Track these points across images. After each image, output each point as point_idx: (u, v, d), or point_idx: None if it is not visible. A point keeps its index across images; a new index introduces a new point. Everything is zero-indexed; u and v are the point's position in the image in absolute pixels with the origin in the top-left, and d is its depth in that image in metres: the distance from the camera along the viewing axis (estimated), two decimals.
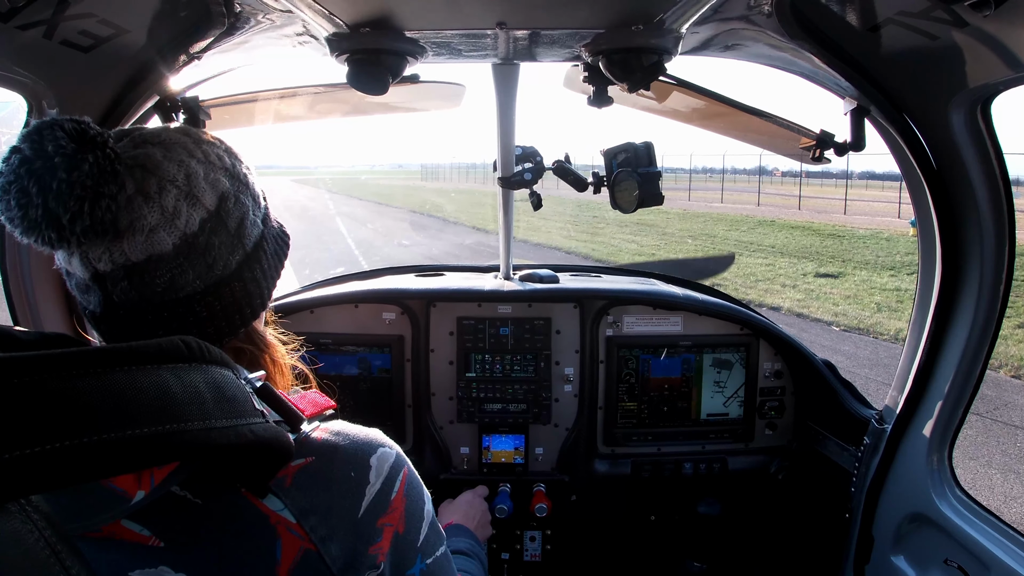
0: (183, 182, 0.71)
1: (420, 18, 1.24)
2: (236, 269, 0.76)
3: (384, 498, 0.75)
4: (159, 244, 0.69)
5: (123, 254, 0.69)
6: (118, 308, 0.72)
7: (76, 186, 0.63)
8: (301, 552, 0.67)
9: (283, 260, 0.86)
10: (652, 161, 1.62)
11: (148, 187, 0.69)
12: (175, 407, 0.56)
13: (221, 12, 1.21)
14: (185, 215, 0.71)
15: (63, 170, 0.62)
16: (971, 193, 1.35)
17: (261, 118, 1.82)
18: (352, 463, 0.74)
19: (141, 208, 0.69)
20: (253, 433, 0.61)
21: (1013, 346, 7.79)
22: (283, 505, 0.68)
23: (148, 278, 0.70)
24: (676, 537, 2.36)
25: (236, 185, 0.77)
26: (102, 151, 0.65)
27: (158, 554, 0.64)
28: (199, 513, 0.66)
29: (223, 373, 0.64)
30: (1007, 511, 4.49)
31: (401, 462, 0.80)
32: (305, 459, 0.71)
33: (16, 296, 1.43)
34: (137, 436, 0.52)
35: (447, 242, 18.24)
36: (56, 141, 0.63)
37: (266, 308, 0.84)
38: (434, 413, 2.20)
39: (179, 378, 0.58)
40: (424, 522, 0.81)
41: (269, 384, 0.71)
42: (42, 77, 1.20)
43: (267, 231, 0.82)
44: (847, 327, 9.13)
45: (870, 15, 1.15)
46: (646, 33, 1.24)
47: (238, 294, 0.77)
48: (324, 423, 0.77)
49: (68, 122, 0.64)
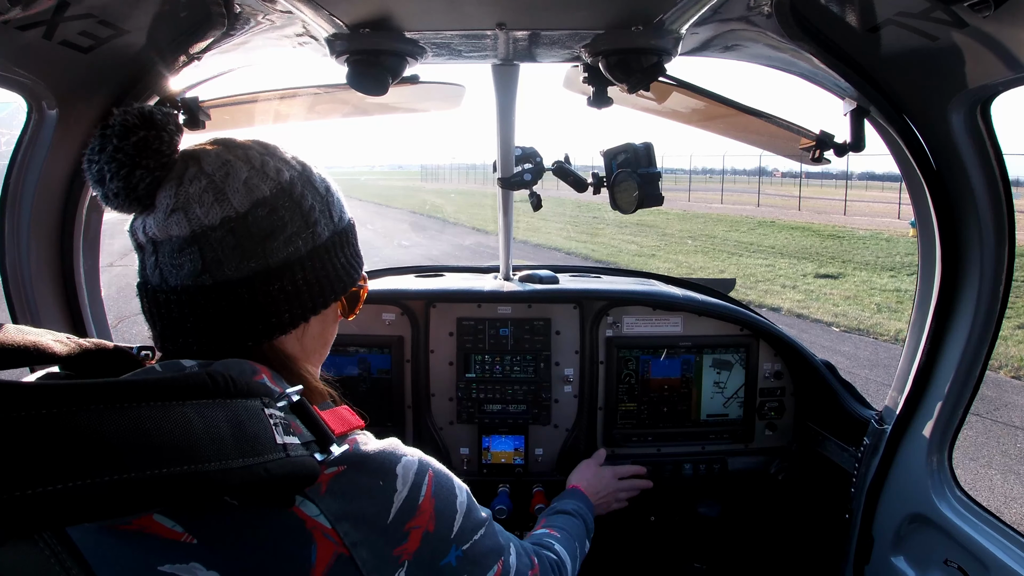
0: (219, 178, 0.78)
1: (420, 19, 1.24)
2: (248, 277, 0.78)
3: (412, 504, 0.77)
4: (175, 226, 0.76)
5: (150, 228, 0.77)
6: (149, 282, 0.78)
7: (120, 152, 0.73)
8: (335, 556, 0.69)
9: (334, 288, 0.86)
10: (652, 162, 1.62)
11: (185, 173, 0.77)
12: (195, 447, 0.57)
13: (221, 13, 1.21)
14: (207, 207, 0.76)
15: (117, 138, 0.74)
16: (971, 193, 1.35)
17: (261, 119, 1.81)
18: (380, 473, 0.76)
19: (171, 190, 0.76)
20: (267, 471, 0.62)
21: (1013, 346, 7.80)
22: (319, 511, 0.69)
23: (167, 258, 0.76)
24: (676, 538, 2.36)
25: (280, 197, 0.81)
26: (155, 130, 0.75)
27: (190, 550, 0.65)
28: (235, 513, 0.67)
29: (248, 407, 0.65)
30: (1007, 512, 4.49)
31: (425, 466, 0.81)
32: (338, 468, 0.73)
33: (16, 296, 1.43)
34: (157, 477, 0.53)
35: (447, 243, 18.24)
36: (125, 116, 0.74)
37: (287, 332, 0.83)
38: (434, 414, 2.20)
39: (202, 416, 0.59)
40: (458, 514, 0.83)
41: (305, 400, 0.73)
42: (42, 77, 1.20)
43: (317, 252, 0.83)
44: (847, 328, 9.13)
45: (870, 16, 1.15)
46: (646, 34, 1.24)
47: (245, 303, 0.78)
48: (352, 436, 0.78)
49: (148, 106, 0.76)
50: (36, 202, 1.38)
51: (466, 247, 17.38)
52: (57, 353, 0.68)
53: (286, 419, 0.69)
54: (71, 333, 0.79)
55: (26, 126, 1.32)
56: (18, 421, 0.48)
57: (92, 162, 0.76)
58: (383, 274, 2.55)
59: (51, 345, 0.68)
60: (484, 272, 2.55)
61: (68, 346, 0.69)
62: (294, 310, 0.82)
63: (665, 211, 23.57)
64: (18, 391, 0.49)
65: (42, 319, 1.46)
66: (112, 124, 0.74)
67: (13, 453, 0.47)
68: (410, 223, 24.39)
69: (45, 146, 1.33)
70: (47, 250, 1.47)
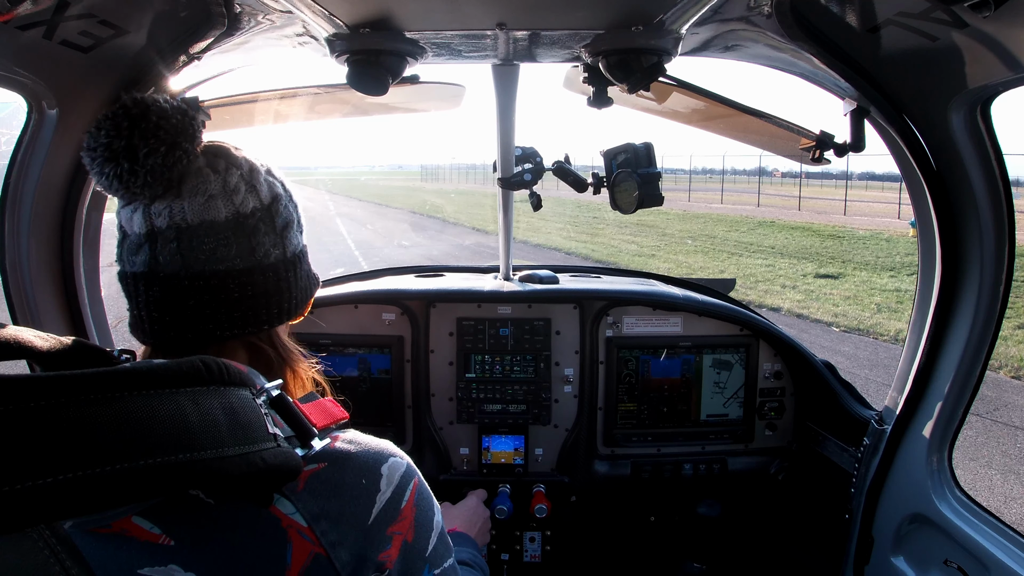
0: (247, 172, 0.83)
1: (420, 19, 1.24)
2: (273, 263, 0.84)
3: (394, 506, 0.76)
4: (214, 211, 0.79)
5: (182, 212, 0.78)
6: (160, 270, 0.78)
7: (161, 130, 0.75)
8: (311, 557, 0.68)
9: (310, 292, 0.93)
10: (652, 162, 1.62)
11: (217, 164, 0.81)
12: (190, 435, 0.57)
13: (221, 12, 1.21)
14: (242, 195, 0.81)
15: (156, 116, 0.75)
16: (971, 194, 1.35)
17: (261, 119, 1.81)
18: (363, 471, 0.75)
19: (208, 177, 0.80)
20: (263, 460, 0.63)
21: (1013, 346, 7.79)
22: (295, 509, 0.69)
23: (196, 243, 0.78)
24: (676, 538, 2.36)
25: (287, 197, 0.89)
26: (189, 117, 0.78)
27: (168, 552, 0.64)
28: (211, 513, 0.67)
29: (240, 395, 0.65)
30: (1007, 512, 4.49)
31: (412, 472, 0.81)
32: (318, 464, 0.72)
33: (16, 296, 1.43)
34: (151, 466, 0.53)
35: (447, 243, 18.24)
36: (157, 100, 0.77)
37: (292, 318, 0.89)
38: (434, 414, 2.20)
39: (196, 403, 0.59)
40: (433, 532, 0.82)
41: (285, 395, 0.73)
42: (42, 77, 1.20)
43: (303, 255, 0.91)
44: (847, 328, 9.13)
45: (870, 16, 1.15)
46: (646, 34, 1.24)
47: (271, 287, 0.83)
48: (337, 432, 0.78)
49: (172, 96, 0.79)
50: (36, 202, 1.38)
51: (466, 247, 17.38)
52: (38, 349, 0.67)
53: (268, 413, 0.69)
54: (71, 333, 0.79)
55: (26, 126, 1.31)
56: (6, 415, 0.47)
57: (117, 136, 0.74)
58: (383, 274, 2.55)
59: (32, 340, 0.67)
60: (484, 272, 2.54)
61: (49, 342, 0.69)
62: (299, 296, 0.89)
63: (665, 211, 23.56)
64: (5, 385, 0.48)
65: (42, 319, 1.45)
66: (147, 103, 0.75)
67: (2, 447, 0.46)
68: (410, 223, 24.40)
69: (45, 146, 1.33)
70: (47, 250, 1.46)
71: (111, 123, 0.75)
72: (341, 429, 0.79)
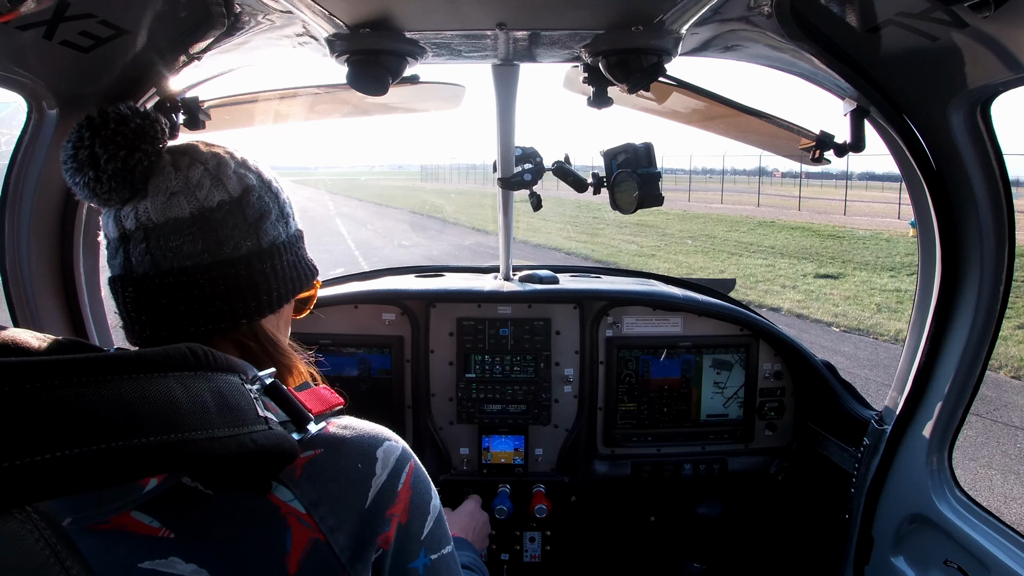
0: (213, 166, 0.83)
1: (420, 19, 1.24)
2: (245, 256, 0.82)
3: (390, 489, 0.76)
4: (177, 208, 0.79)
5: (146, 212, 0.79)
6: (134, 271, 0.80)
7: (119, 135, 0.78)
8: (311, 542, 0.69)
9: (300, 283, 0.92)
10: (652, 162, 1.62)
11: (180, 162, 0.82)
12: (180, 416, 0.57)
13: (221, 13, 1.21)
14: (207, 190, 0.81)
15: (114, 123, 0.78)
16: (971, 194, 1.35)
17: (261, 119, 1.81)
18: (359, 455, 0.75)
19: (169, 176, 0.81)
20: (255, 442, 0.63)
21: (1013, 346, 7.79)
22: (293, 496, 0.69)
23: (163, 241, 0.79)
24: (676, 538, 2.36)
25: (263, 188, 0.88)
26: (149, 120, 0.80)
27: (168, 545, 0.65)
28: (210, 504, 0.67)
29: (228, 380, 0.65)
30: (1007, 512, 4.49)
31: (407, 456, 0.81)
32: (314, 451, 0.73)
33: (16, 296, 1.43)
34: (143, 445, 0.54)
35: (447, 243, 18.24)
36: (118, 108, 0.79)
37: (275, 310, 0.87)
38: (434, 414, 2.20)
39: (184, 387, 0.60)
40: (429, 516, 0.82)
41: (278, 382, 0.73)
42: (42, 77, 1.20)
43: (289, 244, 0.89)
44: (847, 328, 9.13)
45: (870, 16, 1.15)
46: (646, 34, 1.24)
47: (243, 281, 0.82)
48: (332, 418, 0.78)
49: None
50: (36, 202, 1.38)
51: (466, 247, 17.38)
52: (35, 350, 0.68)
53: (260, 399, 0.69)
54: (71, 334, 0.79)
55: (26, 126, 1.31)
56: (2, 396, 0.48)
57: (80, 147, 0.78)
58: (383, 274, 2.55)
59: (29, 342, 0.68)
60: (484, 272, 2.55)
61: (45, 342, 0.69)
62: (281, 289, 0.87)
63: (665, 211, 23.56)
64: (1, 368, 0.49)
65: (42, 319, 1.45)
66: (107, 112, 0.79)
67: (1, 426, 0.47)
68: (410, 223, 24.41)
69: (45, 146, 1.33)
70: (47, 250, 1.46)
71: (76, 135, 0.79)
72: (336, 416, 0.79)
